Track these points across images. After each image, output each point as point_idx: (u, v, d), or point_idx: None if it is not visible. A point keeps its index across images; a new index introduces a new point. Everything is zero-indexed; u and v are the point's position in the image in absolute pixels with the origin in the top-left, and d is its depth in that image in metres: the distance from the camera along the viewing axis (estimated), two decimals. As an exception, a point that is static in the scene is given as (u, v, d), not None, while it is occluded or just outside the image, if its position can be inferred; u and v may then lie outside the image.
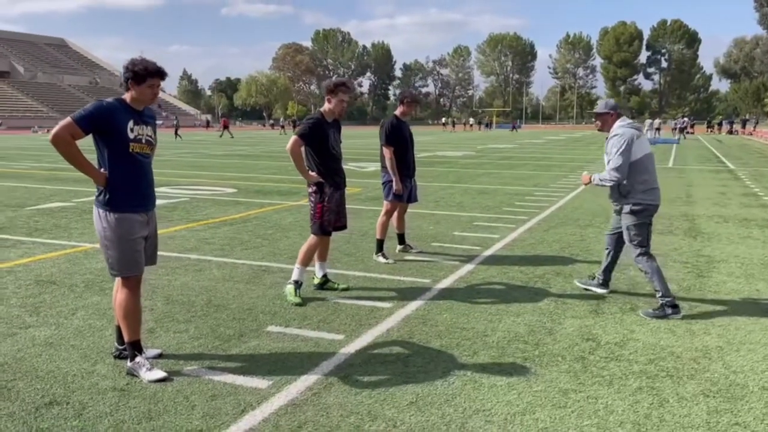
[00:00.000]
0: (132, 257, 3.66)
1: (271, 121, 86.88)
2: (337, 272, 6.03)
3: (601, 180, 5.04)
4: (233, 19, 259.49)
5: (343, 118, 5.50)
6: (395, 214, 6.92)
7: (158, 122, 5.06)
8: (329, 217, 5.24)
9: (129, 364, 3.68)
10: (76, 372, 3.70)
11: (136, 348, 3.68)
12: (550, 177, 16.13)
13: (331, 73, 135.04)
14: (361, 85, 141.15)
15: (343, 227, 5.52)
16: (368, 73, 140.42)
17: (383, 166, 6.65)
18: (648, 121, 46.93)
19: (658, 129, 42.56)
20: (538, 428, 3.09)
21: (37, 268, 6.17)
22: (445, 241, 7.60)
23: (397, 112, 6.73)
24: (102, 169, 3.60)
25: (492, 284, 5.73)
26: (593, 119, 5.24)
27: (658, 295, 4.88)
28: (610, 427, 3.11)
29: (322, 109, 5.29)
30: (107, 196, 3.59)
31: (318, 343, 4.22)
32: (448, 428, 3.08)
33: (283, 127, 67.66)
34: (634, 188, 4.96)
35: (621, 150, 4.88)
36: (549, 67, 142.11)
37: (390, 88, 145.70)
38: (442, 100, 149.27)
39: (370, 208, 10.36)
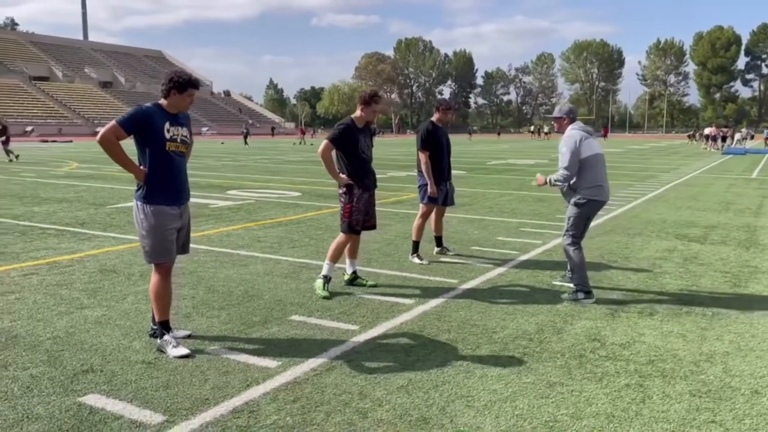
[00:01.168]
0: (164, 246, 4.10)
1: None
2: (371, 270, 6.34)
3: (555, 180, 5.51)
4: (322, 30, 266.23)
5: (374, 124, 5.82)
6: (432, 216, 7.16)
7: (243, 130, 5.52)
8: (357, 217, 5.56)
9: (158, 341, 4.12)
10: (114, 346, 4.18)
11: (164, 327, 4.12)
12: (615, 186, 15.78)
13: (412, 82, 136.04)
14: (441, 93, 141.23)
15: (373, 227, 5.82)
16: (449, 81, 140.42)
17: (419, 170, 6.91)
18: (738, 135, 44.72)
19: (744, 139, 40.44)
20: (513, 414, 3.28)
21: (104, 258, 6.82)
22: (485, 245, 7.76)
23: (434, 118, 6.99)
24: (142, 166, 4.07)
25: (517, 286, 5.87)
26: (552, 122, 5.92)
27: (574, 282, 5.45)
28: (583, 417, 3.26)
29: (353, 116, 5.63)
30: (145, 190, 4.06)
31: (333, 332, 4.54)
32: (429, 410, 3.32)
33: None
34: (581, 185, 5.44)
35: (570, 149, 5.37)
36: (638, 74, 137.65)
37: (471, 96, 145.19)
38: (524, 108, 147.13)
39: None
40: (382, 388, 3.58)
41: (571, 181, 5.45)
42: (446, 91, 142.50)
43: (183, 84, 4.04)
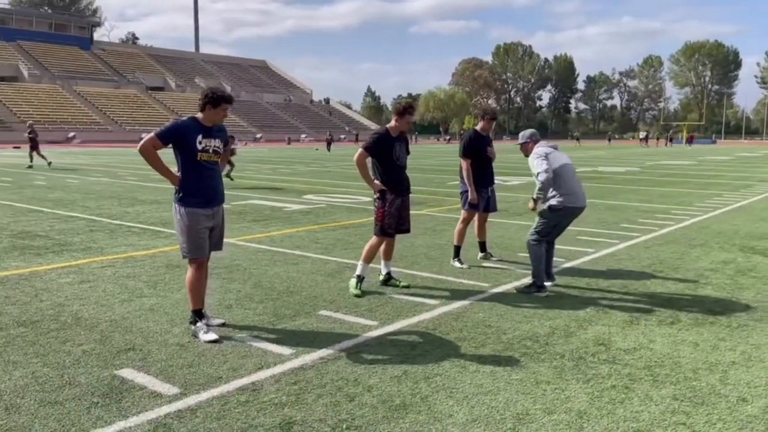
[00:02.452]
0: (197, 244, 4.61)
1: (447, 136, 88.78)
2: (410, 272, 6.66)
3: (538, 191, 5.92)
4: (422, 37, 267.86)
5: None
6: (475, 222, 7.38)
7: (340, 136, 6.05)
8: (389, 221, 5.90)
9: (192, 327, 4.64)
10: (158, 331, 4.74)
11: (197, 315, 4.64)
12: (700, 195, 15.20)
13: (510, 87, 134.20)
14: (540, 99, 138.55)
15: (406, 231, 6.14)
16: (549, 86, 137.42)
17: (461, 177, 7.15)
18: None
19: None
20: (489, 406, 3.51)
21: (173, 254, 7.54)
22: (533, 252, 7.85)
23: (478, 127, 7.21)
24: (178, 173, 4.61)
25: (548, 292, 5.99)
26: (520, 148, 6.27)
27: (532, 275, 5.98)
28: (555, 411, 3.44)
29: (388, 126, 5.98)
30: (180, 195, 4.60)
31: (352, 326, 4.90)
32: (412, 398, 3.60)
33: (449, 140, 69.74)
34: (556, 192, 5.91)
35: (541, 161, 5.88)
36: (756, 77, 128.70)
37: (572, 101, 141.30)
38: (630, 113, 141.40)
39: (492, 220, 10.73)
40: (377, 376, 3.90)
41: (549, 192, 5.91)
42: (545, 96, 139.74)
43: (217, 99, 4.55)
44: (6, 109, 62.63)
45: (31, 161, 23.27)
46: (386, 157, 5.89)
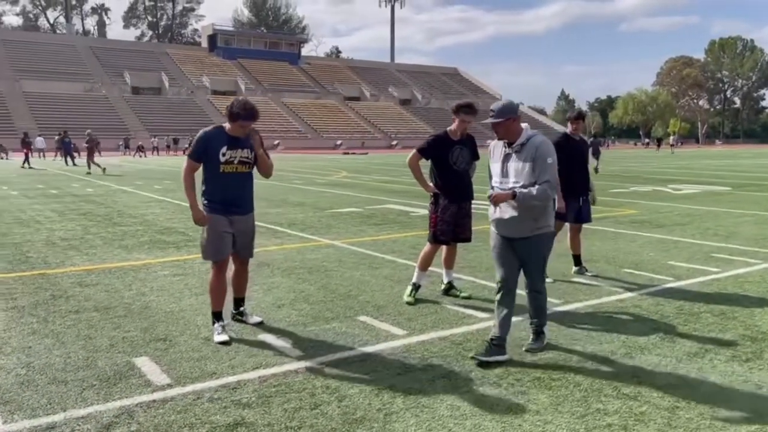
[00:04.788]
0: (216, 247, 4.73)
1: (646, 140, 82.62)
2: (480, 282, 6.36)
3: (533, 197, 4.14)
4: (630, 35, 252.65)
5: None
6: (567, 234, 6.81)
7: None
8: (443, 228, 5.67)
9: (212, 326, 4.82)
10: (198, 324, 5.04)
11: (215, 316, 4.76)
12: None
13: (725, 86, 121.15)
14: (763, 98, 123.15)
15: (466, 240, 5.85)
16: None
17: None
18: None
19: None
20: (443, 406, 3.24)
21: (272, 254, 7.96)
22: (642, 269, 7.05)
23: (568, 130, 6.65)
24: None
25: (618, 314, 5.35)
26: (491, 128, 4.24)
27: (535, 323, 4.57)
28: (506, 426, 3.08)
29: (448, 128, 5.76)
30: (205, 201, 4.79)
31: (379, 333, 4.81)
32: (378, 413, 3.44)
33: (659, 144, 65.24)
34: (549, 207, 4.33)
35: (552, 157, 4.21)
36: None
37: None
38: None
39: (626, 232, 9.90)
40: (358, 387, 3.79)
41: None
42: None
43: (233, 115, 4.58)
44: (224, 119, 70.54)
45: (89, 168, 25.22)
46: (442, 162, 5.67)
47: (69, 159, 31.54)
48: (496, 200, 4.25)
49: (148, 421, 3.36)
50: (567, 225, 6.77)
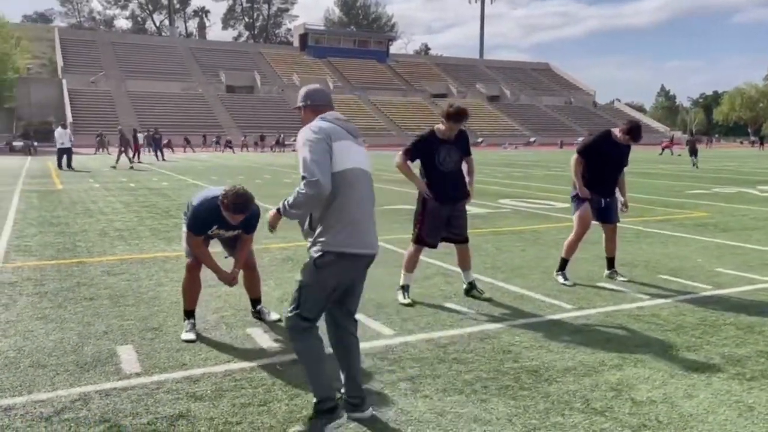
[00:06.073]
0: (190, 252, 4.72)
1: (754, 138, 77.14)
2: (502, 285, 6.13)
3: (289, 205, 3.19)
4: (744, 27, 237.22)
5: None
6: (602, 236, 6.45)
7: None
8: (427, 230, 5.50)
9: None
10: (206, 318, 5.08)
11: (186, 314, 4.73)
12: None
13: None
14: None
15: (460, 239, 5.67)
16: None
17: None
18: None
19: None
20: (392, 410, 3.13)
21: (301, 249, 7.97)
22: (681, 275, 6.56)
23: (619, 134, 6.13)
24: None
25: (630, 323, 4.99)
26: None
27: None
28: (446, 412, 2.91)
29: (435, 127, 5.55)
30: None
31: (367, 332, 4.68)
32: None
33: (761, 143, 61.04)
34: (324, 224, 3.21)
35: (310, 147, 3.12)
36: None
37: None
38: None
39: (683, 235, 9.29)
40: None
41: (316, 222, 3.20)
42: None
43: (226, 206, 4.41)
44: (311, 117, 72.15)
45: (117, 162, 26.48)
46: (429, 162, 5.48)
47: (159, 153, 33.29)
48: (269, 225, 3.43)
49: (99, 408, 3.45)
50: (599, 227, 6.42)
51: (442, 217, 5.51)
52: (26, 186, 17.15)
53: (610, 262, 6.50)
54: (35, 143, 42.19)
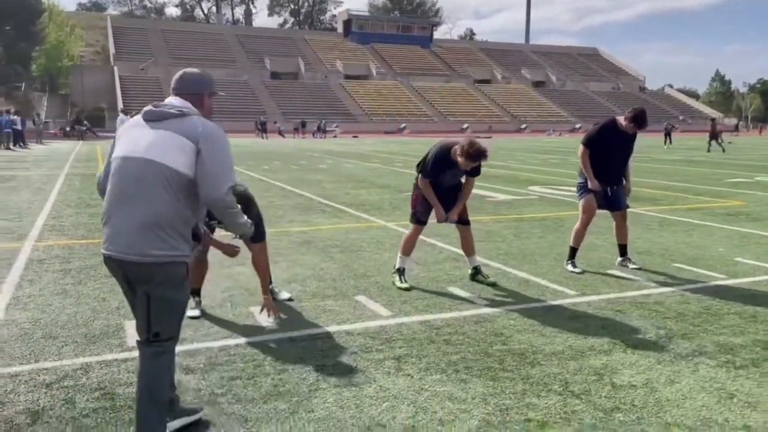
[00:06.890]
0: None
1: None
2: (510, 271, 6.16)
3: None
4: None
5: None
6: (614, 223, 6.39)
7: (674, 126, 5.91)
8: (422, 208, 5.64)
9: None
10: (214, 296, 5.28)
11: (191, 292, 4.85)
12: None
13: None
14: None
15: (464, 222, 5.75)
16: None
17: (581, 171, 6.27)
18: None
19: None
20: (372, 387, 3.24)
21: (321, 232, 8.17)
22: (695, 264, 6.46)
23: (623, 121, 6.07)
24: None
25: (631, 310, 4.96)
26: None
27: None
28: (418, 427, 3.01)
29: (452, 148, 5.52)
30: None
31: (365, 313, 4.83)
32: (302, 387, 3.51)
33: None
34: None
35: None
36: None
37: None
38: None
39: (709, 224, 9.11)
40: (303, 363, 3.86)
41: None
42: None
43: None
44: (354, 103, 72.31)
45: None
46: (436, 179, 5.61)
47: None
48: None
49: (98, 377, 3.66)
50: (608, 214, 6.39)
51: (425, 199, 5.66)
52: (72, 170, 17.82)
53: (623, 249, 6.44)
54: (86, 129, 43.30)
